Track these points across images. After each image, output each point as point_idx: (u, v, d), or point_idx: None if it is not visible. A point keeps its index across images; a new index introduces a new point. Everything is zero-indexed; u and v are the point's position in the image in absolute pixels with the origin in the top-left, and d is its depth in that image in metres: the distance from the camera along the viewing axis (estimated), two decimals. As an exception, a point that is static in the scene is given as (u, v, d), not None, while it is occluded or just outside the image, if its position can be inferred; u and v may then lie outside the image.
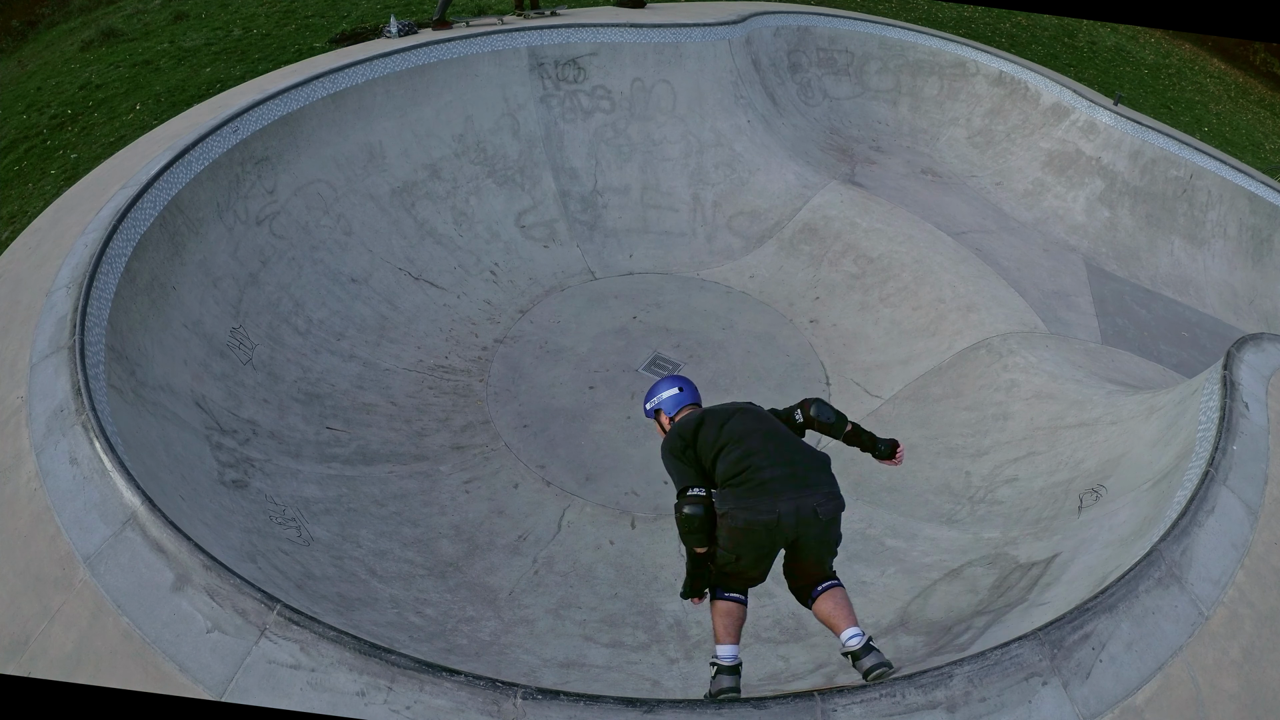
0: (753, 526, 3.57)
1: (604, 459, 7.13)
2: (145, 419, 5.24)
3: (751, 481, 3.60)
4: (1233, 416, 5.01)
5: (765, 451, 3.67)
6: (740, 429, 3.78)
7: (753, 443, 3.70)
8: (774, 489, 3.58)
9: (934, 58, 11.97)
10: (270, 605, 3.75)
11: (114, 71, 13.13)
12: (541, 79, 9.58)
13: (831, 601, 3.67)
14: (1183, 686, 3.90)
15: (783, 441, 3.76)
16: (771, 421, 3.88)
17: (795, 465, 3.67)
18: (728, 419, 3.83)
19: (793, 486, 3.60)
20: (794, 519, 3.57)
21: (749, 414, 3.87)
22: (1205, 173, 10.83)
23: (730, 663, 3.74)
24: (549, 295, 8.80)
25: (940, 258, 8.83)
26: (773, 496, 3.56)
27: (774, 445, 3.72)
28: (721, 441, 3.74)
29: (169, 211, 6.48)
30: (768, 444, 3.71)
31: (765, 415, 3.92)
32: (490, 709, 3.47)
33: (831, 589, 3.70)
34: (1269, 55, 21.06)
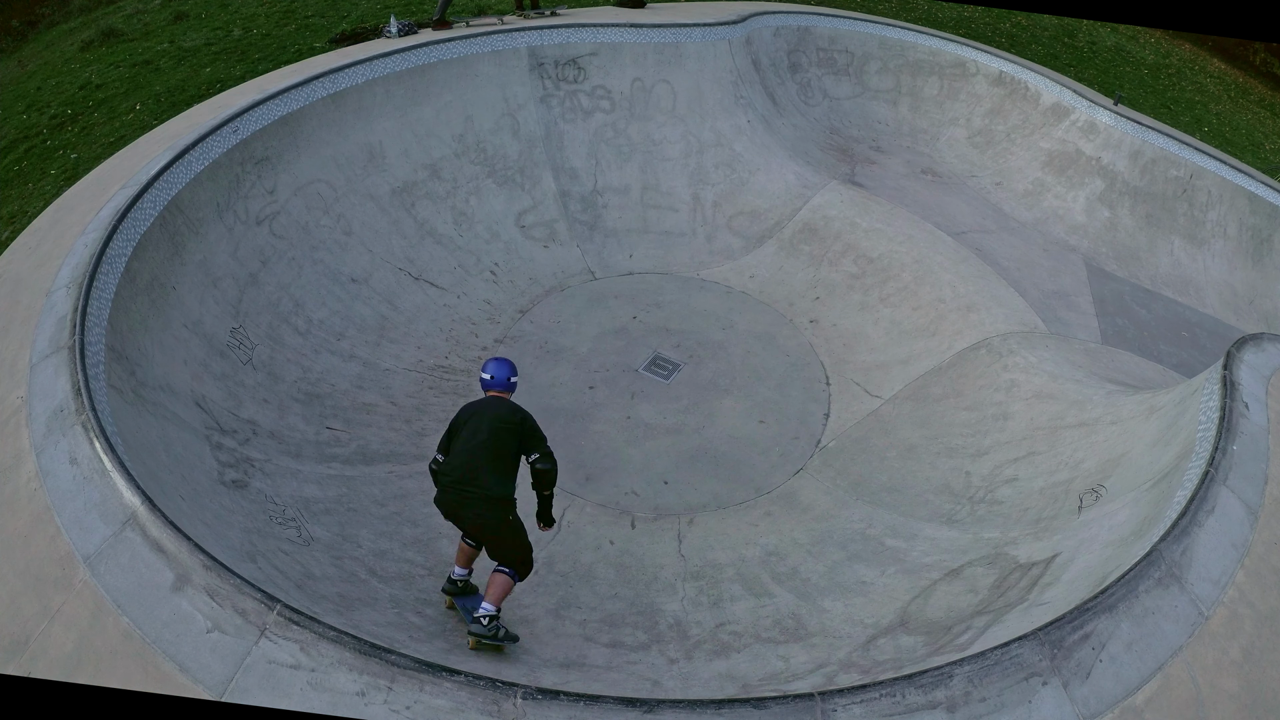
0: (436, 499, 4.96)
1: (604, 459, 7.13)
2: (145, 419, 5.24)
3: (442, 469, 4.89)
4: (1233, 416, 5.01)
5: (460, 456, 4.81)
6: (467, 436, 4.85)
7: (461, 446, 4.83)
8: (443, 483, 4.86)
9: (934, 58, 11.97)
10: (270, 605, 3.76)
11: (114, 71, 13.13)
12: (541, 79, 9.58)
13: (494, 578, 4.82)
14: (1183, 686, 3.90)
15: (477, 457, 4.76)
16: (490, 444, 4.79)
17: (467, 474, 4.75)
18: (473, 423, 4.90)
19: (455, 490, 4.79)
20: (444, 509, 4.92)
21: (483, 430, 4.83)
22: (1205, 173, 10.83)
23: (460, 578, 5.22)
24: (549, 295, 8.81)
25: (940, 258, 8.83)
26: (441, 489, 4.88)
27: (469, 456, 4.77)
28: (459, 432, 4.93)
29: (169, 211, 6.48)
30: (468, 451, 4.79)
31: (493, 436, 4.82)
32: (490, 709, 3.47)
33: (498, 573, 4.83)
34: (1269, 55, 21.06)
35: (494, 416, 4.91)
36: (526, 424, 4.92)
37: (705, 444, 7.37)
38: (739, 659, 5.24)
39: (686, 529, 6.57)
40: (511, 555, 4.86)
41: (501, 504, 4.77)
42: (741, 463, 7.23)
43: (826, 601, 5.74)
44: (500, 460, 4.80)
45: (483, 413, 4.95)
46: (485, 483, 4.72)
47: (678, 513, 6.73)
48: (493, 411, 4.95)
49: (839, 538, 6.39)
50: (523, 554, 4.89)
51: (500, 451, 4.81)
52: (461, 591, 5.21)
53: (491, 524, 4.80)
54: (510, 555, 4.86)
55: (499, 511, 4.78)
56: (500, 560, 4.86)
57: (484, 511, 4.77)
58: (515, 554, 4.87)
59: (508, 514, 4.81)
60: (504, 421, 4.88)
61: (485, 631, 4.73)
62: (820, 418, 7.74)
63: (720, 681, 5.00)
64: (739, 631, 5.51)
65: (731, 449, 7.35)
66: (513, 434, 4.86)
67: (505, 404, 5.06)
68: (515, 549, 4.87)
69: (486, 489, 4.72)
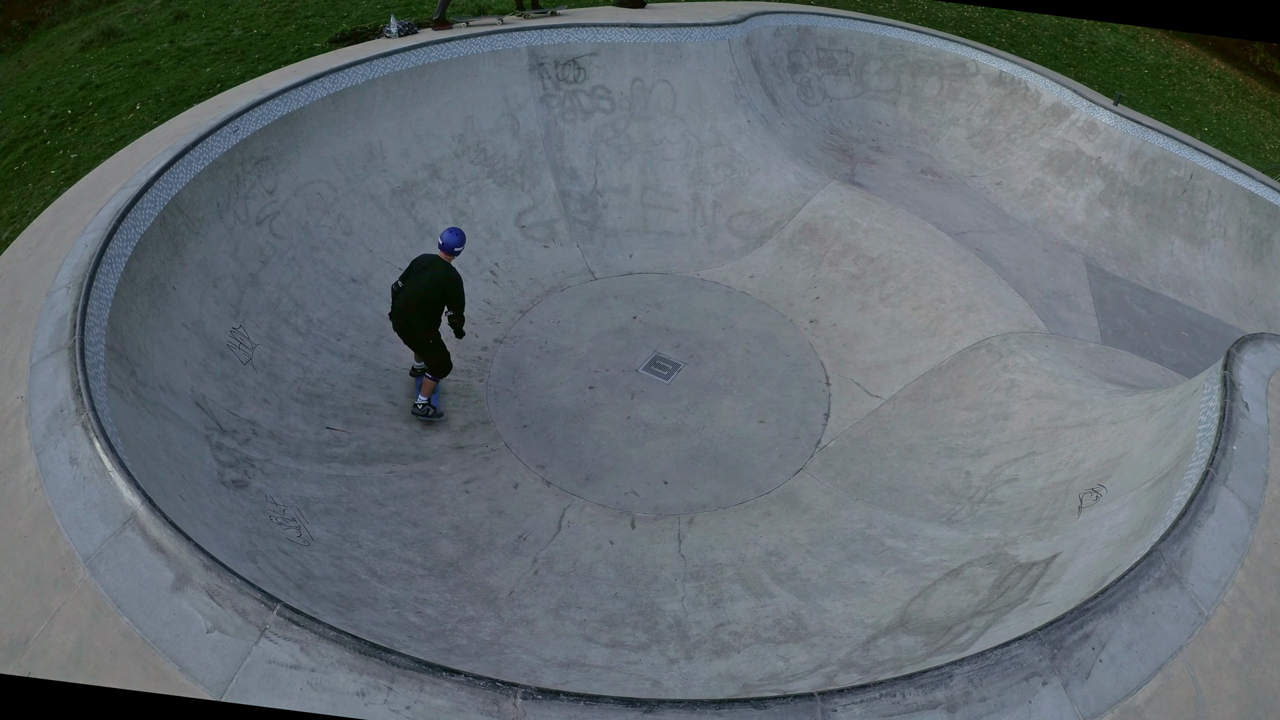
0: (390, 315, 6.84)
1: (604, 459, 7.13)
2: (145, 419, 5.24)
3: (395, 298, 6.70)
4: (1233, 416, 5.02)
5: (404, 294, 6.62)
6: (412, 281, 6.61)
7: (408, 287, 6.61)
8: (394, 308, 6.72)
9: (934, 58, 11.97)
10: (270, 605, 3.76)
11: (114, 71, 13.14)
12: (541, 79, 9.58)
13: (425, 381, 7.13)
14: (1183, 686, 3.90)
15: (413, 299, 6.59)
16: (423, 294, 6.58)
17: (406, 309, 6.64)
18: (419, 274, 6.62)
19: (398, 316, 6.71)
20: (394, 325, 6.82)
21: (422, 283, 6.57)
22: (1205, 173, 10.83)
23: None
24: (549, 295, 8.81)
25: (940, 258, 8.83)
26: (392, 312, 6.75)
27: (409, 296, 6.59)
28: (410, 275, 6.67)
29: (169, 211, 6.48)
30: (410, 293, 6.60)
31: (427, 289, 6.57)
32: (490, 709, 3.48)
33: (425, 377, 7.14)
34: (1269, 55, 21.06)
35: (432, 275, 6.60)
36: (450, 288, 6.64)
37: (705, 444, 7.37)
38: (739, 659, 5.24)
39: (686, 529, 6.57)
40: (431, 363, 7.03)
41: (425, 332, 6.77)
42: (741, 463, 7.23)
43: (826, 601, 5.74)
44: (428, 305, 6.65)
45: (428, 268, 6.64)
46: (417, 316, 6.66)
47: (678, 513, 6.73)
48: (433, 271, 6.61)
49: (839, 538, 6.39)
50: (438, 362, 7.01)
51: (429, 300, 6.63)
52: (420, 373, 7.40)
53: (419, 343, 6.91)
54: (430, 363, 7.03)
55: (424, 336, 6.80)
56: (426, 365, 7.08)
57: (415, 335, 6.81)
58: (434, 362, 7.02)
59: (429, 339, 6.83)
60: (437, 281, 6.60)
61: (420, 412, 7.12)
62: (820, 418, 7.75)
63: (720, 681, 5.01)
64: (739, 631, 5.51)
65: (731, 449, 7.35)
66: (441, 292, 6.63)
67: (444, 267, 6.64)
68: (434, 360, 7.00)
69: (417, 322, 6.68)
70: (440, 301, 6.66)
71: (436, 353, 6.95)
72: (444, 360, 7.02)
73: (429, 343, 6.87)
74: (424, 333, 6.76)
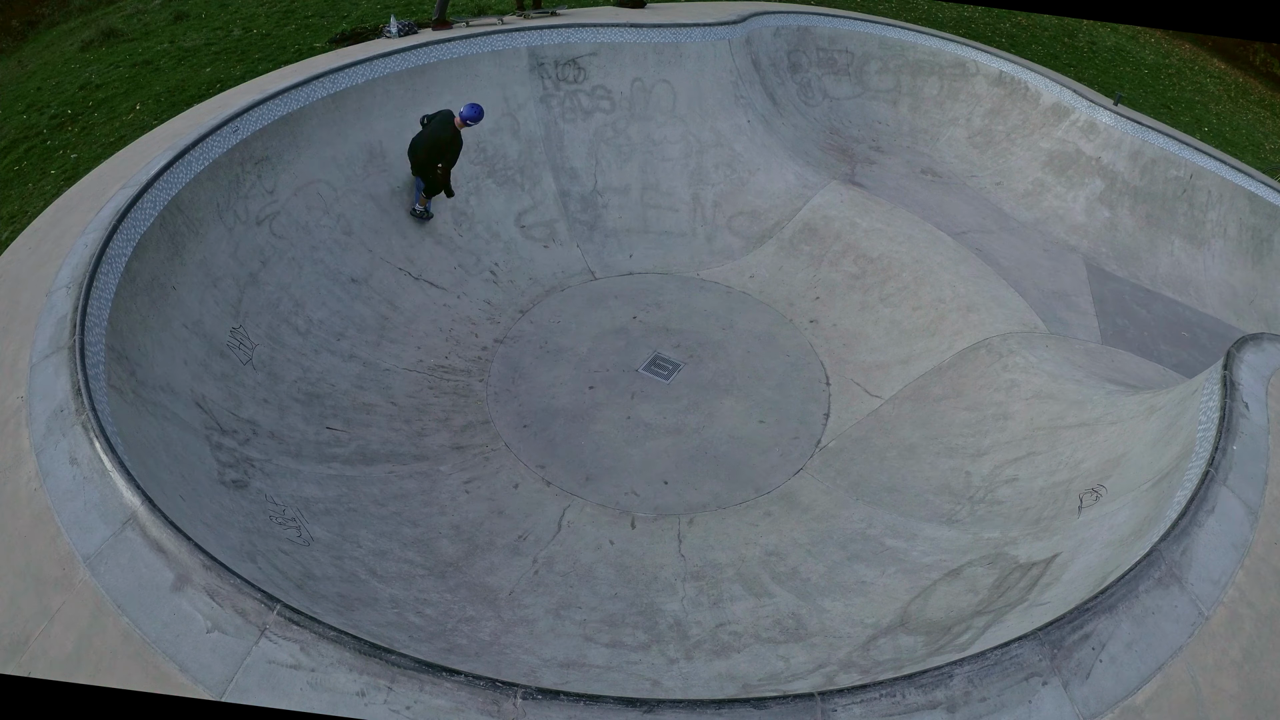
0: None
1: (604, 459, 7.13)
2: (145, 419, 5.24)
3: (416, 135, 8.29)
4: (1233, 416, 5.01)
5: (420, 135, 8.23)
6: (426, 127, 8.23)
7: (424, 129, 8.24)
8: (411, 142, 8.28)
9: (934, 58, 11.97)
10: (270, 605, 3.76)
11: (114, 71, 13.13)
12: (541, 79, 9.58)
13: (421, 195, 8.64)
14: (1183, 686, 3.90)
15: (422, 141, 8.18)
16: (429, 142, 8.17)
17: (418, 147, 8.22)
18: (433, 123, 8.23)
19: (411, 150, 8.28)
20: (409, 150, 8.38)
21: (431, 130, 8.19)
22: (1205, 173, 10.83)
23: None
24: (549, 295, 8.81)
25: (940, 258, 8.83)
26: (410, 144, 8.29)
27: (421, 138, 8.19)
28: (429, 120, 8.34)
29: (169, 211, 6.49)
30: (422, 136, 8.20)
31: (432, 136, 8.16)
32: (490, 709, 3.48)
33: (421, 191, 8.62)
34: (1269, 55, 21.06)
35: (438, 129, 8.14)
36: (451, 147, 8.23)
37: (705, 444, 7.37)
38: (739, 659, 5.24)
39: (686, 529, 6.57)
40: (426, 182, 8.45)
41: (427, 166, 8.29)
42: (741, 463, 7.23)
43: (826, 601, 5.74)
44: (430, 152, 8.19)
45: (439, 121, 8.20)
46: (421, 155, 8.21)
47: (678, 513, 6.73)
48: (439, 129, 8.13)
49: (839, 538, 6.39)
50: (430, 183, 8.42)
51: (432, 148, 8.17)
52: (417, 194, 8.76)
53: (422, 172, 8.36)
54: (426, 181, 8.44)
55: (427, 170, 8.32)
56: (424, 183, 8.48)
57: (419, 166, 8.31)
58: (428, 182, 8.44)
59: (428, 173, 8.34)
60: (440, 136, 8.15)
61: (416, 215, 8.58)
62: (820, 418, 7.74)
63: (720, 681, 5.01)
64: (739, 631, 5.51)
65: (731, 449, 7.35)
66: (442, 148, 8.20)
67: (450, 127, 8.15)
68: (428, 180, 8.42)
69: (422, 158, 8.23)
70: (438, 154, 8.17)
71: (431, 181, 8.43)
72: (435, 184, 8.49)
73: (428, 175, 8.37)
74: (426, 165, 8.27)
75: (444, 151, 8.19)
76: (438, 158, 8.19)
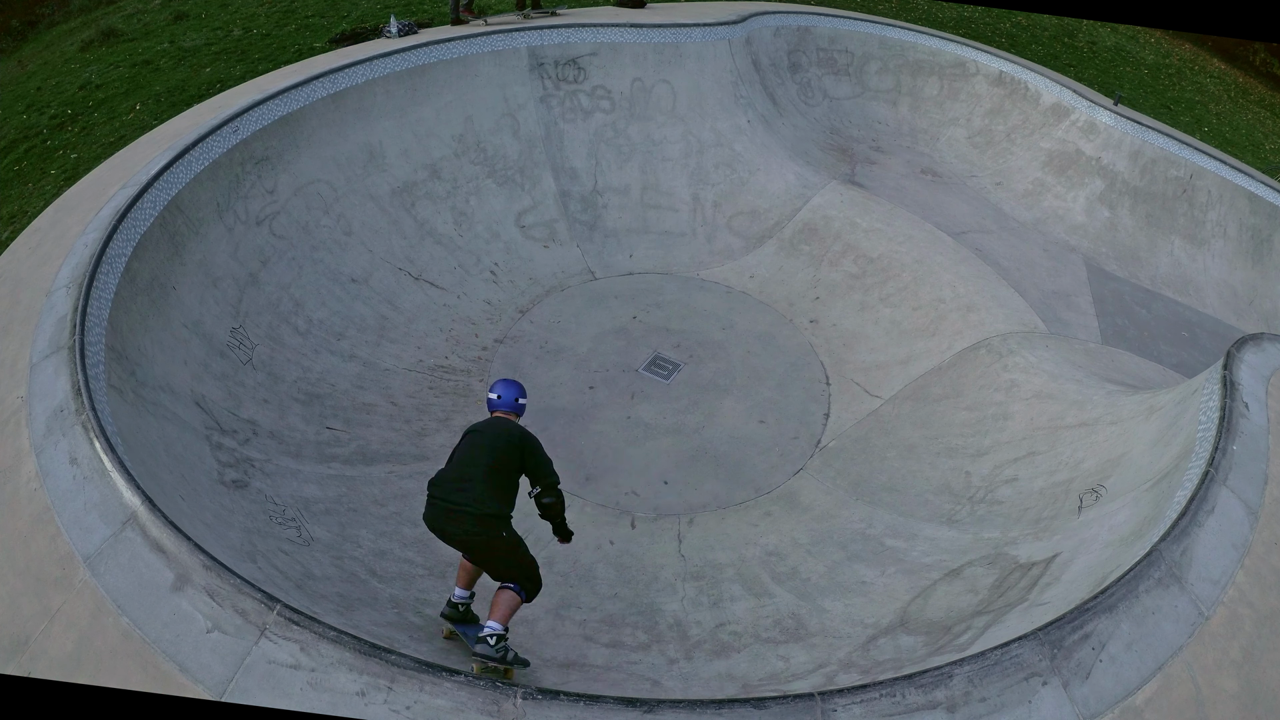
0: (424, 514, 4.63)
1: (604, 459, 7.13)
2: (145, 419, 5.24)
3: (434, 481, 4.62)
4: (1233, 416, 5.01)
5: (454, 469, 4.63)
6: (464, 450, 4.71)
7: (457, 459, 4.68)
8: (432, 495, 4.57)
9: (934, 58, 11.97)
10: (270, 605, 3.76)
11: (114, 71, 13.13)
12: (541, 79, 9.58)
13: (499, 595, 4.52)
14: (1183, 686, 3.90)
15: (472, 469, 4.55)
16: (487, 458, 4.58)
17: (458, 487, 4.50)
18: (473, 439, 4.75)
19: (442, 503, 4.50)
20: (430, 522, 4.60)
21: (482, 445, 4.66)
22: (1205, 173, 10.83)
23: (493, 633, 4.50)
24: (549, 295, 8.81)
25: (940, 258, 8.83)
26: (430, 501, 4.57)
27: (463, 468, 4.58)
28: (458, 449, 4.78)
29: (169, 211, 6.48)
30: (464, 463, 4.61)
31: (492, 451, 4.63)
32: (490, 709, 3.47)
33: (503, 590, 4.53)
34: (1269, 55, 21.05)
35: (495, 434, 4.72)
36: (529, 443, 4.73)
37: (705, 444, 7.37)
38: (739, 659, 5.24)
39: (686, 529, 6.57)
40: (512, 572, 4.52)
41: (494, 520, 4.42)
42: (741, 463, 7.23)
43: (826, 601, 5.74)
44: (496, 475, 4.52)
45: (485, 430, 4.78)
46: (478, 496, 4.41)
47: (678, 513, 6.73)
48: (495, 429, 4.78)
49: (839, 538, 6.39)
50: (526, 570, 4.55)
51: (498, 467, 4.54)
52: (463, 618, 4.82)
53: (481, 541, 4.47)
54: (511, 572, 4.53)
55: (490, 528, 4.42)
56: (503, 579, 4.54)
57: (473, 528, 4.41)
58: (516, 570, 4.53)
59: (501, 530, 4.46)
60: (506, 437, 4.69)
61: (493, 653, 4.30)
62: (820, 418, 7.74)
63: (720, 681, 5.01)
64: (739, 631, 5.51)
65: (731, 449, 7.35)
66: (515, 450, 4.64)
67: (509, 423, 4.87)
68: (516, 565, 4.53)
69: (478, 504, 4.39)
70: (517, 469, 4.68)
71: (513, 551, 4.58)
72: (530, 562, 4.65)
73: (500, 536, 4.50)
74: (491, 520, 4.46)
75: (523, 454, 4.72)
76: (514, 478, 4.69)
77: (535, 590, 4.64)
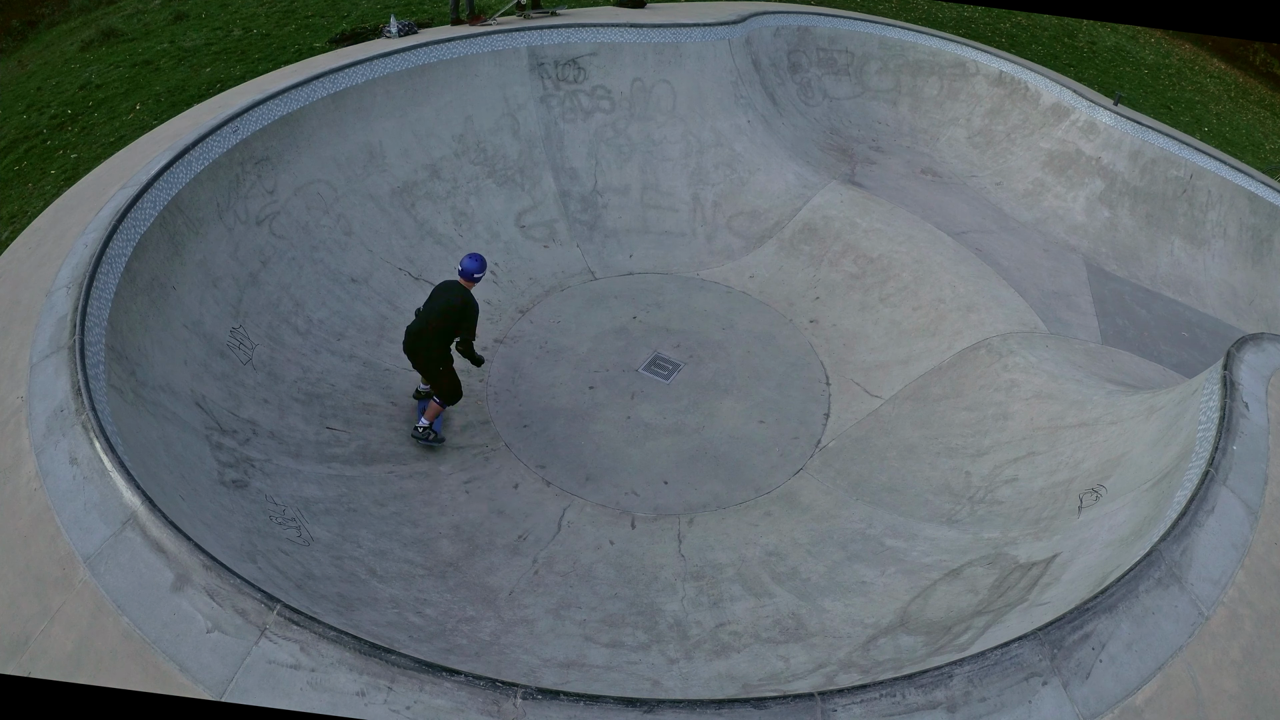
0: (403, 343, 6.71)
1: (604, 459, 7.13)
2: (145, 419, 5.24)
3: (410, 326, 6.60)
4: (1233, 416, 5.02)
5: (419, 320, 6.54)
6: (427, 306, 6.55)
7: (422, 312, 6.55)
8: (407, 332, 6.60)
9: (934, 58, 11.97)
10: (270, 605, 3.76)
11: (114, 71, 13.13)
12: (541, 79, 9.58)
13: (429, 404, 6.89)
14: (1183, 686, 3.90)
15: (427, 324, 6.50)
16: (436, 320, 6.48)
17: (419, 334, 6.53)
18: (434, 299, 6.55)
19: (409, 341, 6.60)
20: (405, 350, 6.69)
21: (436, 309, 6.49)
22: (1205, 173, 10.83)
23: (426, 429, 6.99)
24: (549, 295, 8.81)
25: (940, 258, 8.83)
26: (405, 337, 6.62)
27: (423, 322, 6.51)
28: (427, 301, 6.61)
29: (169, 211, 6.48)
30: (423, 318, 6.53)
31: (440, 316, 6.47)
32: (490, 709, 3.48)
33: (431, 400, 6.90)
34: (1269, 55, 21.06)
35: (445, 300, 6.50)
36: (466, 314, 6.52)
37: (705, 444, 7.37)
38: (739, 659, 5.24)
39: (686, 529, 6.57)
40: (440, 388, 6.83)
41: (437, 357, 6.61)
42: (741, 463, 7.23)
43: (826, 601, 5.74)
44: (440, 333, 6.53)
45: (439, 295, 6.56)
46: (425, 344, 6.55)
47: (678, 513, 6.73)
48: (447, 295, 6.53)
49: (839, 538, 6.39)
50: (448, 388, 6.83)
51: (441, 328, 6.52)
52: (424, 396, 7.18)
53: (429, 369, 6.71)
54: (439, 388, 6.83)
55: (434, 362, 6.64)
56: (434, 390, 6.85)
57: (425, 361, 6.65)
58: (443, 387, 6.82)
59: (439, 365, 6.66)
60: (450, 306, 6.50)
61: (420, 436, 6.90)
62: (820, 418, 7.74)
63: (720, 681, 5.00)
64: (739, 631, 5.51)
65: (731, 449, 7.35)
66: (454, 316, 6.50)
67: (459, 292, 6.53)
68: (443, 386, 6.81)
69: (425, 349, 6.57)
70: (455, 326, 6.50)
71: (447, 378, 6.77)
72: (454, 386, 6.85)
73: (439, 369, 6.68)
74: (436, 357, 6.58)
75: (460, 321, 6.51)
76: (452, 333, 6.55)
77: (451, 401, 6.92)
